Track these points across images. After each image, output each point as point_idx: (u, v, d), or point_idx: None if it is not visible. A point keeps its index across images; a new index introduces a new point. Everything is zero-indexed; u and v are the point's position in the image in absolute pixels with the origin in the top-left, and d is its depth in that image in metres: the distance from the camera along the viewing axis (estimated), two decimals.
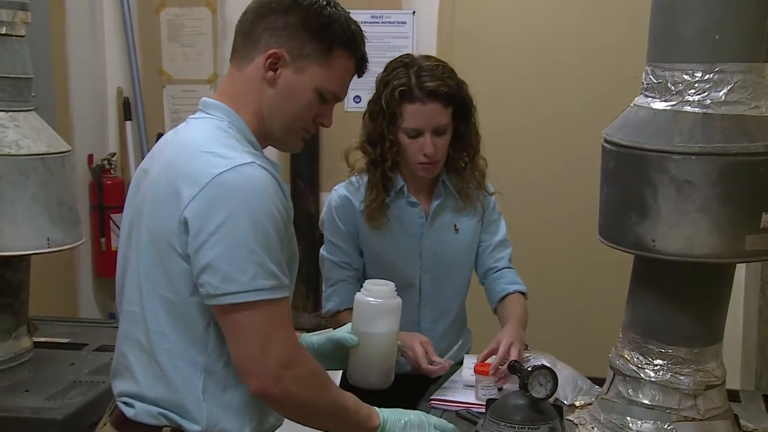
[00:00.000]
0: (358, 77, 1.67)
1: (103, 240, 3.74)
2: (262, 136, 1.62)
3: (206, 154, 1.49)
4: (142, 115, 3.89)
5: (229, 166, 1.46)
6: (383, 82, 2.19)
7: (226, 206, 1.43)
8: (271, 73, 1.57)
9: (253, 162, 1.48)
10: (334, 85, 1.60)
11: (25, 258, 2.21)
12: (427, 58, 2.24)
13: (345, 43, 1.59)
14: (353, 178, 2.30)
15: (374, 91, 2.23)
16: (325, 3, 1.58)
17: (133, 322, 1.56)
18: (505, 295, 2.32)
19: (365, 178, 2.27)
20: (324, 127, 1.66)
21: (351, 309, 2.16)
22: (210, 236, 1.43)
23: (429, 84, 2.13)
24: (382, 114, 2.18)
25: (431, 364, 2.12)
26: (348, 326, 1.86)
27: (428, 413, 1.71)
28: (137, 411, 1.54)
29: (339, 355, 1.84)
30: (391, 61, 2.23)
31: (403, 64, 2.19)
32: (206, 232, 1.43)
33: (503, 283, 2.33)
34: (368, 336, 1.81)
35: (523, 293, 2.34)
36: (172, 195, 1.47)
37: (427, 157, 2.17)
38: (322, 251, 2.34)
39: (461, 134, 2.25)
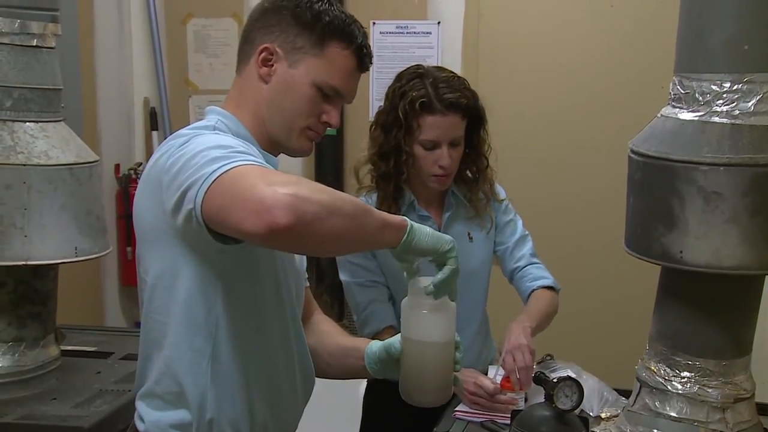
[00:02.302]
0: (360, 71, 1.61)
1: (129, 249, 3.76)
2: (266, 140, 1.59)
3: (173, 137, 1.48)
4: (168, 125, 3.91)
5: (190, 136, 1.45)
6: (399, 94, 2.16)
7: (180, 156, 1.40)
8: (265, 69, 1.56)
9: (216, 130, 1.49)
10: (333, 79, 1.56)
11: (53, 267, 2.23)
12: (440, 69, 2.22)
13: (338, 34, 1.55)
14: (362, 197, 2.26)
15: (386, 102, 2.19)
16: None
17: (145, 323, 1.56)
18: (530, 294, 2.29)
19: (374, 197, 2.24)
20: (331, 127, 1.61)
21: (391, 327, 2.14)
22: (172, 181, 1.39)
23: (448, 95, 2.12)
24: (398, 125, 2.14)
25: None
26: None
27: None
28: (147, 426, 1.54)
29: (392, 367, 1.61)
30: (403, 72, 2.20)
31: (418, 74, 2.16)
32: (168, 180, 1.40)
33: (527, 282, 2.31)
34: (419, 345, 1.53)
35: (549, 287, 2.29)
36: (155, 187, 1.44)
37: (442, 169, 2.16)
38: (344, 278, 2.26)
39: (473, 145, 2.24)
